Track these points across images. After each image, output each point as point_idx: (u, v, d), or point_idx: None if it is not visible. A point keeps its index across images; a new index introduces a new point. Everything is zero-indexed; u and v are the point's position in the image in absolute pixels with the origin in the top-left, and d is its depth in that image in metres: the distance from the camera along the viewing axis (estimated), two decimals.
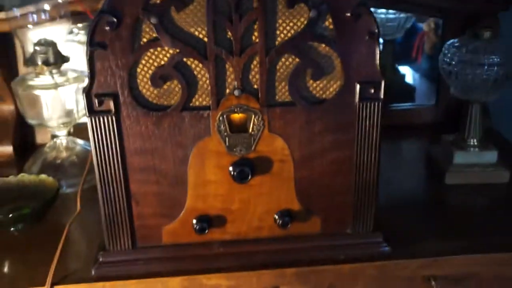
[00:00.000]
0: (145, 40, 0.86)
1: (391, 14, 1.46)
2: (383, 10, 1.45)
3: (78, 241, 1.07)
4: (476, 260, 1.01)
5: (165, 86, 0.89)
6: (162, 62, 0.87)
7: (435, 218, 1.12)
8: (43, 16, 1.16)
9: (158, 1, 0.84)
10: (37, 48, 1.16)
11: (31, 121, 1.22)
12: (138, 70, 0.88)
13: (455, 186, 1.20)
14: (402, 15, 1.46)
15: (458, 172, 1.20)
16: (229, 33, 0.86)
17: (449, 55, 1.18)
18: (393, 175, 1.24)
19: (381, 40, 1.48)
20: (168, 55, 0.87)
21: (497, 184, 1.20)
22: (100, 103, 0.88)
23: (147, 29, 0.85)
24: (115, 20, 0.83)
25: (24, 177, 1.16)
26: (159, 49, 0.87)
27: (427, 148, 1.32)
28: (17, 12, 1.15)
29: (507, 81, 1.15)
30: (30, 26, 1.16)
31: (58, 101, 1.18)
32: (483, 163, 1.21)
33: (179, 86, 0.88)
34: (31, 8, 1.15)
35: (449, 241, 1.04)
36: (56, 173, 1.20)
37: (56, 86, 1.18)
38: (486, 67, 1.13)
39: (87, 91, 0.87)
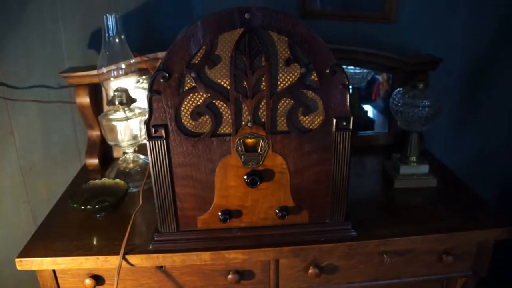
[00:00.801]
0: (187, 87, 0.83)
1: (358, 69, 1.43)
2: (352, 67, 1.42)
3: (141, 225, 1.03)
4: (414, 240, 0.98)
5: (200, 120, 0.86)
6: (198, 103, 0.85)
7: (387, 211, 1.08)
8: (120, 72, 1.14)
9: (196, 62, 0.82)
10: (116, 93, 1.14)
11: (110, 143, 1.19)
12: (182, 108, 0.85)
13: (401, 189, 1.16)
14: (365, 70, 1.43)
15: (403, 180, 1.17)
16: (245, 83, 0.83)
17: (396, 99, 1.15)
18: (358, 182, 1.20)
19: (350, 87, 1.48)
20: (202, 98, 0.84)
21: (428, 187, 1.16)
22: (156, 131, 0.85)
23: (188, 80, 0.83)
24: (167, 74, 0.82)
25: (105, 180, 1.13)
26: (196, 94, 0.84)
27: (382, 163, 1.28)
28: (104, 70, 1.13)
29: (434, 118, 1.13)
30: (111, 78, 1.14)
31: (128, 129, 1.16)
32: (419, 173, 1.17)
33: (210, 119, 0.86)
34: (113, 66, 1.13)
35: (396, 227, 1.00)
36: (126, 178, 1.17)
37: (127, 118, 1.15)
38: (420, 108, 1.11)
39: (147, 123, 0.85)
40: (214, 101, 0.84)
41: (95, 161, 1.30)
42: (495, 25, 1.42)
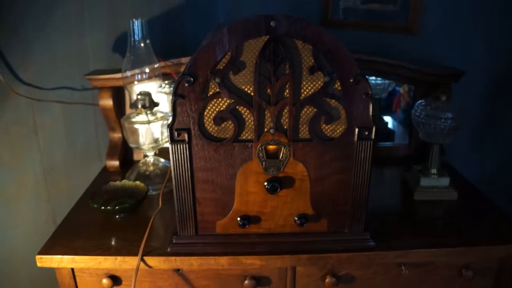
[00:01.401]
0: (211, 93, 0.84)
1: (379, 80, 1.43)
2: (373, 78, 1.42)
3: (159, 227, 1.04)
4: (433, 252, 0.97)
5: (222, 125, 0.86)
6: (222, 108, 0.85)
7: (406, 223, 1.07)
8: (144, 76, 1.16)
9: (221, 68, 0.82)
10: (139, 96, 1.15)
11: (131, 145, 1.21)
12: (205, 113, 0.85)
13: (421, 201, 1.15)
14: (386, 81, 1.43)
15: (423, 192, 1.16)
16: (269, 90, 0.84)
17: (418, 110, 1.14)
18: (378, 192, 1.19)
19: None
20: (226, 103, 0.85)
21: (449, 200, 1.15)
22: (179, 135, 0.86)
23: (213, 86, 0.84)
24: (191, 79, 0.83)
25: (125, 182, 1.14)
26: (220, 99, 0.85)
27: (402, 174, 1.27)
28: (128, 73, 1.15)
29: (456, 130, 1.12)
30: (135, 82, 1.16)
31: (149, 132, 1.17)
32: (440, 185, 1.16)
33: (233, 125, 0.86)
34: (137, 70, 1.15)
35: (415, 239, 0.99)
36: (146, 180, 1.18)
37: (149, 122, 1.16)
38: (442, 120, 1.10)
39: (171, 126, 0.86)
40: (237, 107, 0.85)
41: (115, 163, 1.32)
42: None
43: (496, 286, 1.04)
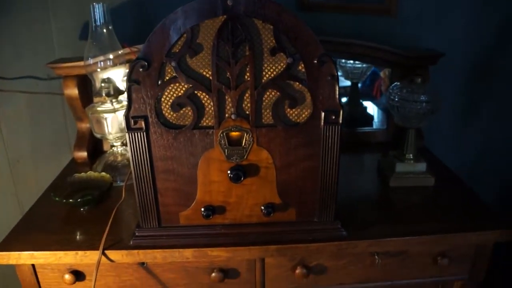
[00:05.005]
0: (167, 78, 0.80)
1: (357, 64, 1.38)
2: (351, 61, 1.38)
3: (124, 220, 1.00)
4: (407, 241, 0.94)
5: (181, 111, 0.82)
6: (179, 94, 0.81)
7: (380, 210, 1.03)
8: (108, 63, 1.11)
9: (176, 51, 0.78)
10: (102, 84, 1.11)
11: (97, 135, 1.16)
12: (162, 99, 0.81)
13: (396, 187, 1.12)
14: (364, 65, 1.39)
15: (399, 178, 1.12)
16: (228, 73, 0.79)
17: (393, 94, 1.10)
18: (354, 178, 1.16)
19: (349, 83, 1.44)
20: (183, 89, 0.81)
21: (426, 186, 1.12)
22: (135, 123, 0.82)
23: (169, 70, 0.79)
24: (146, 64, 0.78)
25: (90, 173, 1.10)
26: (177, 84, 0.80)
27: (379, 160, 1.23)
28: (90, 60, 1.10)
29: (432, 114, 1.08)
30: (98, 69, 1.11)
31: (115, 121, 1.12)
32: (416, 171, 1.13)
33: (192, 111, 0.82)
34: (100, 57, 1.10)
35: (389, 227, 0.96)
36: (114, 171, 1.14)
37: (114, 110, 1.12)
38: (418, 103, 1.06)
39: (126, 114, 0.82)
40: (196, 92, 0.81)
41: (84, 154, 1.27)
42: (499, 20, 1.36)
43: (472, 274, 1.01)
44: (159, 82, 0.80)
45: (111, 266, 0.94)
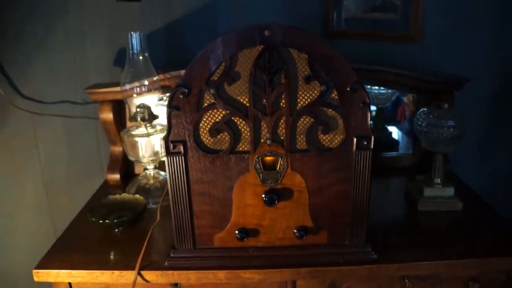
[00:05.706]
0: (206, 104, 0.83)
1: (382, 90, 1.41)
2: (376, 87, 1.40)
3: (158, 241, 1.02)
4: (437, 265, 0.94)
5: (218, 136, 0.85)
6: (217, 120, 0.84)
7: (410, 234, 1.04)
8: (143, 89, 1.15)
9: (215, 78, 0.82)
10: (138, 109, 1.15)
11: (131, 158, 1.20)
12: (200, 124, 0.85)
13: (425, 212, 1.13)
14: (389, 91, 1.41)
15: (427, 202, 1.13)
16: (264, 100, 0.83)
17: (420, 119, 1.12)
18: (381, 203, 1.17)
19: (374, 108, 1.46)
20: (221, 115, 0.84)
21: (453, 211, 1.13)
22: (174, 147, 0.85)
23: (208, 97, 0.83)
24: (186, 90, 0.82)
25: (125, 195, 1.14)
26: (215, 110, 0.84)
27: (406, 184, 1.24)
28: (127, 86, 1.15)
29: (459, 139, 1.10)
30: (134, 95, 1.15)
31: (149, 145, 1.16)
32: (444, 196, 1.14)
33: (228, 136, 0.85)
34: (136, 83, 1.15)
35: (418, 251, 0.97)
36: (146, 194, 1.17)
37: (148, 135, 1.16)
38: (445, 128, 1.08)
39: (166, 138, 0.85)
40: (233, 118, 0.84)
41: (116, 176, 1.31)
42: None
43: None
44: (198, 108, 0.83)
45: (144, 286, 0.96)
